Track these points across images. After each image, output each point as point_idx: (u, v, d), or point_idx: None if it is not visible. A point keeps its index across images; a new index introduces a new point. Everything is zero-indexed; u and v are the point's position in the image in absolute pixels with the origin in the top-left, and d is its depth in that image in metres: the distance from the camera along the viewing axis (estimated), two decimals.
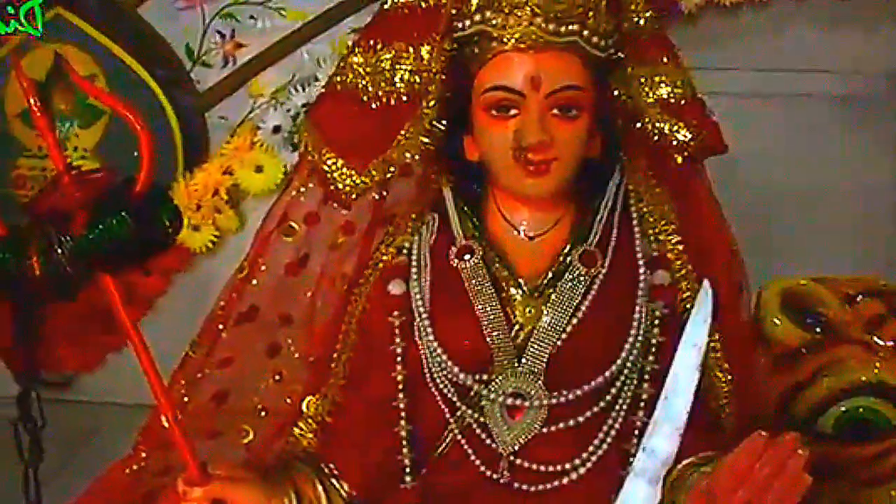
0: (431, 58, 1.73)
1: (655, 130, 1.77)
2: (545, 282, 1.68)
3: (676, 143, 1.77)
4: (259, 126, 2.80)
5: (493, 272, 1.68)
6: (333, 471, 1.73)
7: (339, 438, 1.76)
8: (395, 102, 1.77)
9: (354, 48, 1.80)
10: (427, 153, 1.77)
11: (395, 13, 1.77)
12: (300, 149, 1.88)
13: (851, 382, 1.91)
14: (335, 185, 1.80)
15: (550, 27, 1.60)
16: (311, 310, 1.89)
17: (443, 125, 1.75)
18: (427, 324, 1.69)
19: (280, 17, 2.80)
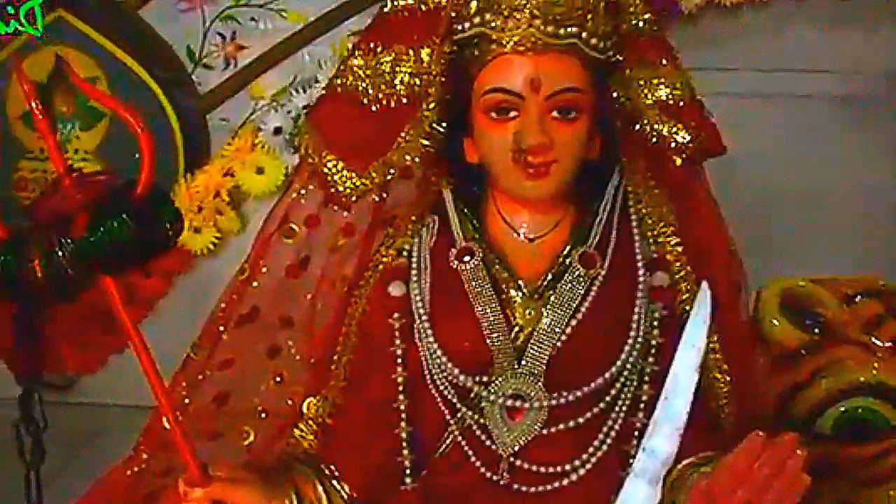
0: (431, 60, 1.74)
1: (654, 132, 1.78)
2: (545, 283, 1.67)
3: (675, 145, 1.78)
4: (260, 128, 2.80)
5: (493, 274, 1.68)
6: (334, 472, 1.73)
7: (340, 440, 1.76)
8: (395, 105, 1.78)
9: (354, 51, 1.81)
10: (427, 155, 1.78)
11: (395, 16, 1.78)
12: (300, 151, 1.88)
13: (850, 383, 1.91)
14: (335, 188, 1.81)
15: (549, 29, 1.60)
16: (312, 312, 1.90)
17: (443, 127, 1.75)
18: (427, 325, 1.69)
19: (281, 19, 2.80)
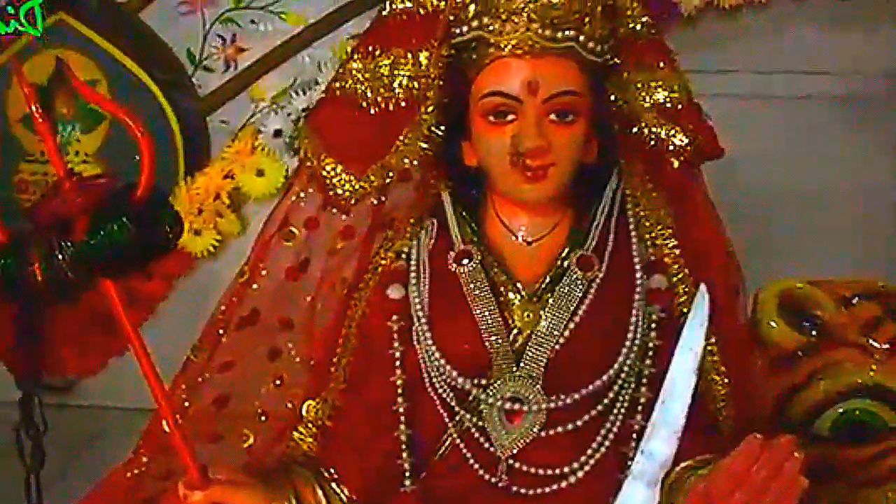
0: (429, 64, 1.74)
1: (652, 135, 1.78)
2: (543, 286, 1.68)
3: (673, 148, 1.78)
4: (260, 130, 2.80)
5: (492, 277, 1.68)
6: (333, 475, 1.73)
7: (339, 442, 1.76)
8: (394, 108, 1.79)
9: (353, 54, 1.81)
10: (425, 158, 1.78)
11: (394, 19, 1.78)
12: (300, 154, 1.89)
13: (848, 385, 1.91)
14: (334, 191, 1.82)
15: (547, 33, 1.60)
16: (311, 314, 1.90)
17: (441, 131, 1.75)
18: (426, 328, 1.69)
19: (281, 22, 2.80)
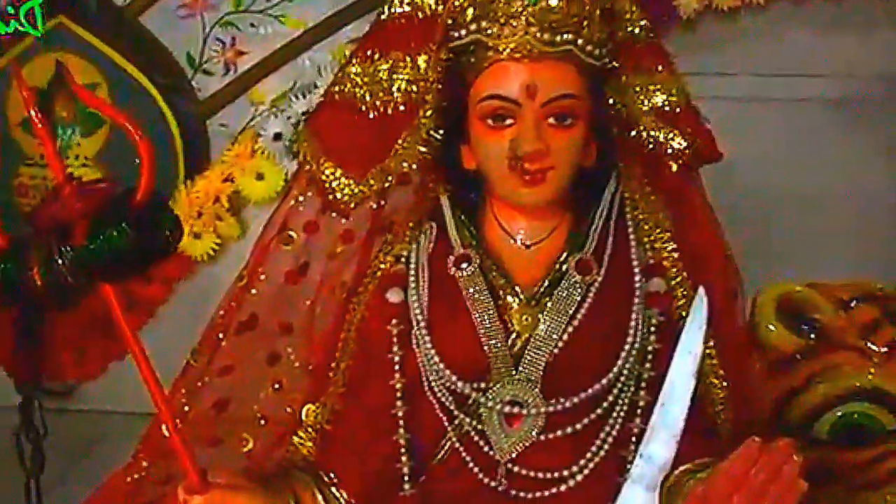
0: (428, 67, 1.74)
1: (650, 139, 1.78)
2: (542, 290, 1.68)
3: (671, 152, 1.78)
4: (260, 133, 2.81)
5: (491, 280, 1.68)
6: (332, 479, 1.73)
7: (338, 446, 1.76)
8: (393, 112, 1.78)
9: (352, 58, 1.82)
10: (424, 162, 1.78)
11: (392, 23, 1.78)
12: (299, 158, 1.89)
13: (846, 388, 1.90)
14: (333, 195, 1.82)
15: (545, 37, 1.61)
16: (311, 318, 1.90)
17: (440, 134, 1.76)
18: (425, 332, 1.69)
19: (280, 25, 2.81)
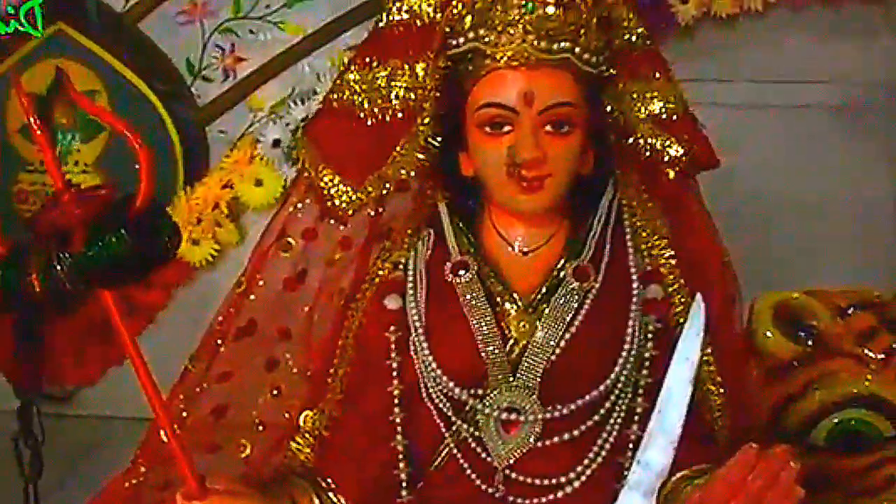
0: (426, 75, 1.75)
1: (647, 146, 1.78)
2: (539, 297, 1.68)
3: (668, 159, 1.79)
4: (259, 140, 2.82)
5: (488, 287, 1.69)
6: (330, 485, 1.73)
7: (336, 453, 1.76)
8: (391, 119, 1.79)
9: (350, 65, 1.82)
10: (422, 169, 1.79)
11: (391, 31, 1.79)
12: (297, 165, 1.89)
13: (843, 395, 1.90)
14: (332, 201, 1.82)
15: (542, 45, 1.61)
16: (309, 325, 1.90)
17: (438, 141, 1.76)
18: (422, 339, 1.69)
19: (279, 32, 2.82)
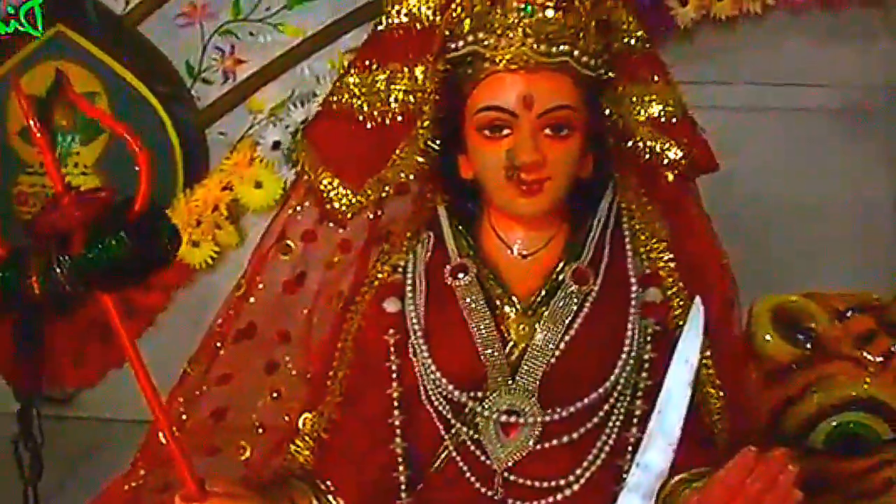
0: (425, 78, 1.75)
1: (647, 149, 1.78)
2: (538, 300, 1.68)
3: (667, 162, 1.78)
4: (258, 142, 2.82)
5: (487, 290, 1.69)
6: (330, 488, 1.73)
7: (336, 455, 1.77)
8: (390, 122, 1.79)
9: (350, 68, 1.82)
10: (422, 172, 1.79)
11: (390, 34, 1.78)
12: (297, 168, 1.89)
13: (841, 398, 1.90)
14: (331, 204, 1.82)
15: (542, 48, 1.61)
16: (309, 327, 1.90)
17: (437, 144, 1.76)
18: (422, 342, 1.69)
19: (279, 34, 2.82)
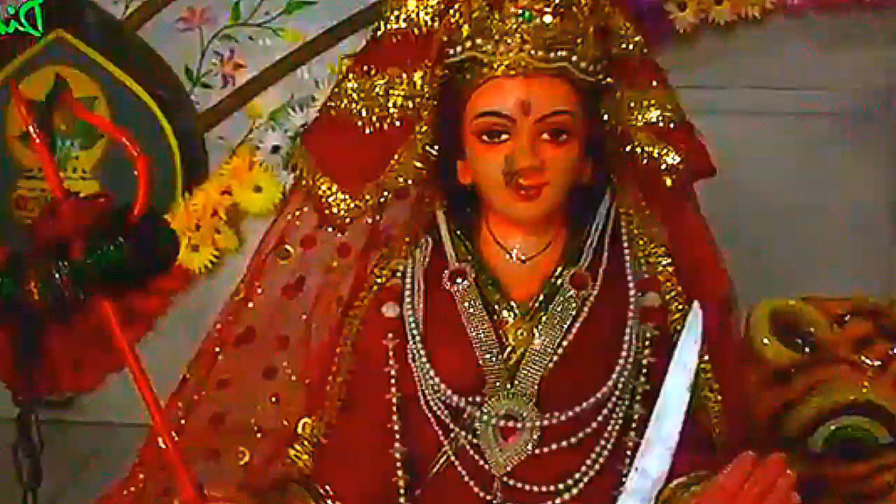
0: (424, 83, 1.75)
1: (645, 154, 1.78)
2: (537, 304, 1.68)
3: (665, 167, 1.79)
4: (258, 146, 2.82)
5: (486, 295, 1.69)
6: (329, 492, 1.73)
7: (335, 460, 1.76)
8: (389, 127, 1.79)
9: (348, 74, 1.82)
10: (420, 177, 1.79)
11: (388, 40, 1.79)
12: (295, 172, 1.90)
13: (840, 402, 1.91)
14: (329, 210, 1.82)
15: (540, 54, 1.62)
16: (307, 332, 1.90)
17: (436, 150, 1.76)
18: (420, 346, 1.69)
19: (279, 38, 2.82)
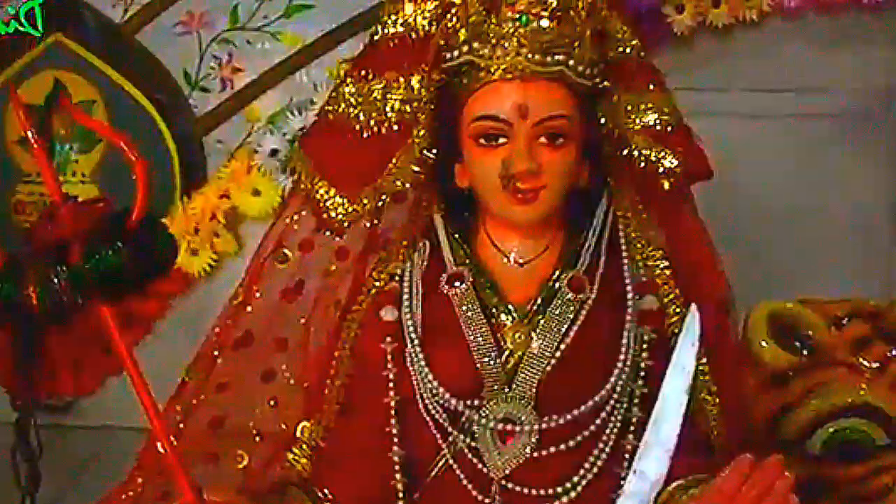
0: (421, 87, 1.75)
1: (642, 157, 1.79)
2: (535, 308, 1.68)
3: (663, 170, 1.79)
4: (256, 150, 2.81)
5: (484, 299, 1.69)
6: (328, 496, 1.73)
7: (333, 463, 1.77)
8: (386, 131, 1.79)
9: (346, 78, 1.82)
10: (418, 181, 1.79)
11: (386, 44, 1.79)
12: (294, 176, 1.90)
13: (838, 404, 1.91)
14: (327, 213, 1.82)
15: (537, 58, 1.62)
16: (306, 335, 1.90)
17: (433, 154, 1.76)
18: (418, 350, 1.69)
19: (277, 42, 2.81)
